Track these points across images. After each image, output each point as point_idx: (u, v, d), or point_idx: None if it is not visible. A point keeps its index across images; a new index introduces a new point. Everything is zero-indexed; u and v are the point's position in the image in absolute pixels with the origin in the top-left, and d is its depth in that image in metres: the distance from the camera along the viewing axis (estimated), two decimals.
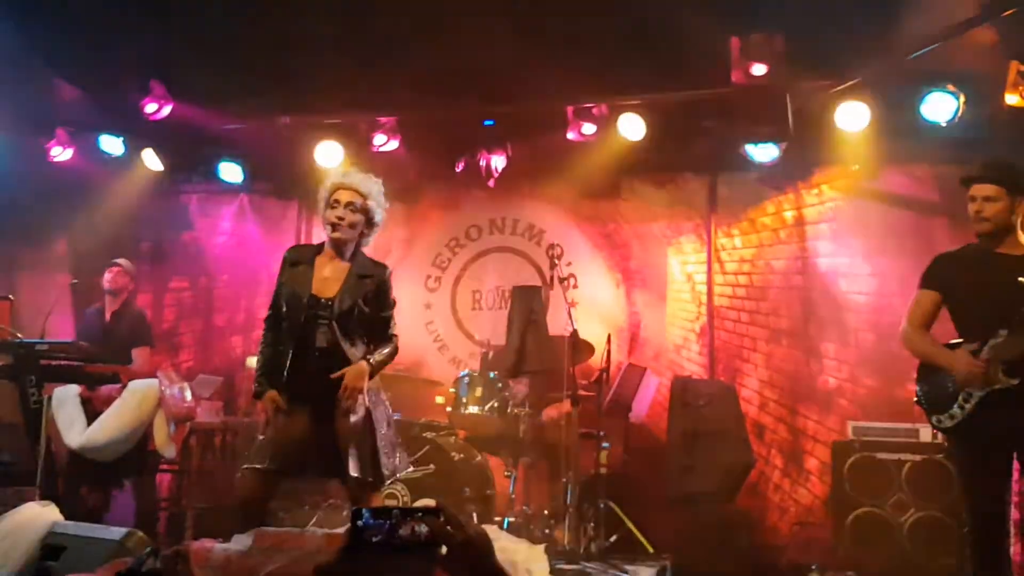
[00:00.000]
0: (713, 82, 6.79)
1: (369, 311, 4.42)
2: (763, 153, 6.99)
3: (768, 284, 7.60)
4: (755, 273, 7.65)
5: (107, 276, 6.83)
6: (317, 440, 4.34)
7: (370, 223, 4.48)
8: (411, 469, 6.31)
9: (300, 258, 4.50)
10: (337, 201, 4.40)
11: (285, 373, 4.32)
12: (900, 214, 7.32)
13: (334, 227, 4.39)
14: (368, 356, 4.39)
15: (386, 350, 4.48)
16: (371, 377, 4.39)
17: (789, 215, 7.64)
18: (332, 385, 4.29)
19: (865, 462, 6.26)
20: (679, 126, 7.31)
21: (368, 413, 4.40)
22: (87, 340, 6.74)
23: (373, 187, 4.48)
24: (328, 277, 4.41)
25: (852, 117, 6.65)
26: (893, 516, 6.13)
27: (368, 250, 4.62)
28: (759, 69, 6.45)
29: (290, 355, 4.32)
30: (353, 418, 4.34)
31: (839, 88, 6.65)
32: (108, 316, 6.79)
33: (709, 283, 7.71)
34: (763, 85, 6.53)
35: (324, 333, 4.33)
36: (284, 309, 4.42)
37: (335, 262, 4.45)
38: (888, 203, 7.40)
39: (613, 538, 6.27)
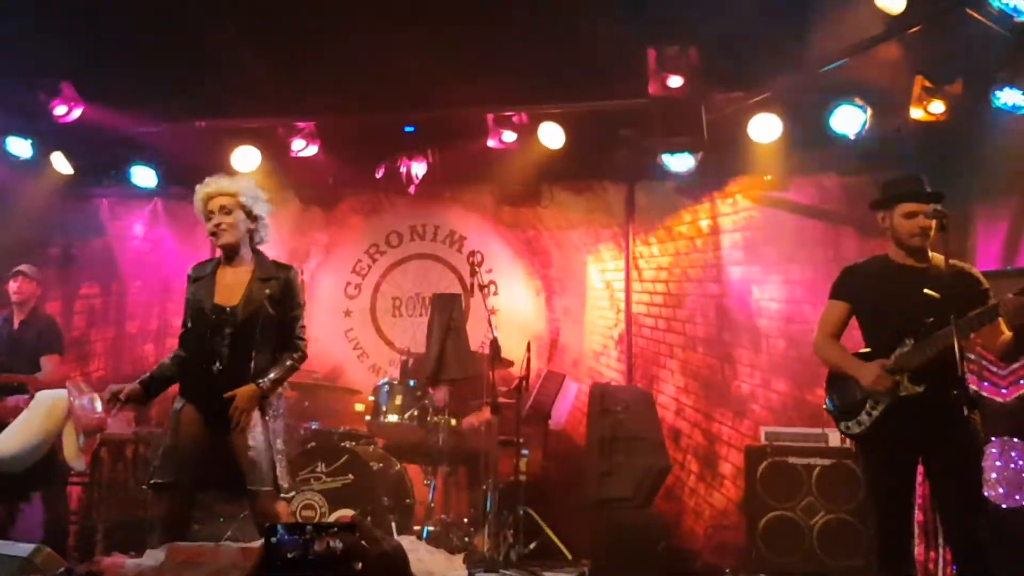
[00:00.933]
0: (631, 93, 6.88)
1: (275, 314, 4.38)
2: (679, 163, 7.12)
3: (684, 292, 7.74)
4: (672, 281, 7.78)
5: (12, 286, 6.62)
6: (218, 454, 4.31)
7: (252, 217, 4.43)
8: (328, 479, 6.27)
9: (202, 272, 4.50)
10: (211, 211, 4.39)
11: (199, 387, 4.33)
12: (810, 223, 7.53)
13: (216, 235, 4.38)
14: (260, 379, 4.31)
15: (286, 363, 4.40)
16: (265, 397, 4.35)
17: (704, 224, 7.78)
18: (233, 398, 4.27)
19: (777, 466, 6.41)
20: (598, 135, 7.41)
21: (266, 427, 4.36)
22: None
23: (241, 183, 4.46)
24: (230, 284, 4.39)
25: (764, 129, 6.82)
26: (803, 519, 6.28)
27: (285, 255, 4.60)
28: (675, 81, 6.56)
29: (195, 365, 4.33)
30: (250, 433, 4.30)
31: (752, 100, 6.81)
32: (16, 325, 6.58)
33: (627, 290, 7.80)
34: (679, 97, 6.63)
35: (228, 342, 4.31)
36: (190, 324, 4.44)
37: (236, 269, 4.43)
38: (799, 213, 7.61)
39: (532, 545, 6.31)
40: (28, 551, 4.13)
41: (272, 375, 4.36)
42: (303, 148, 7.59)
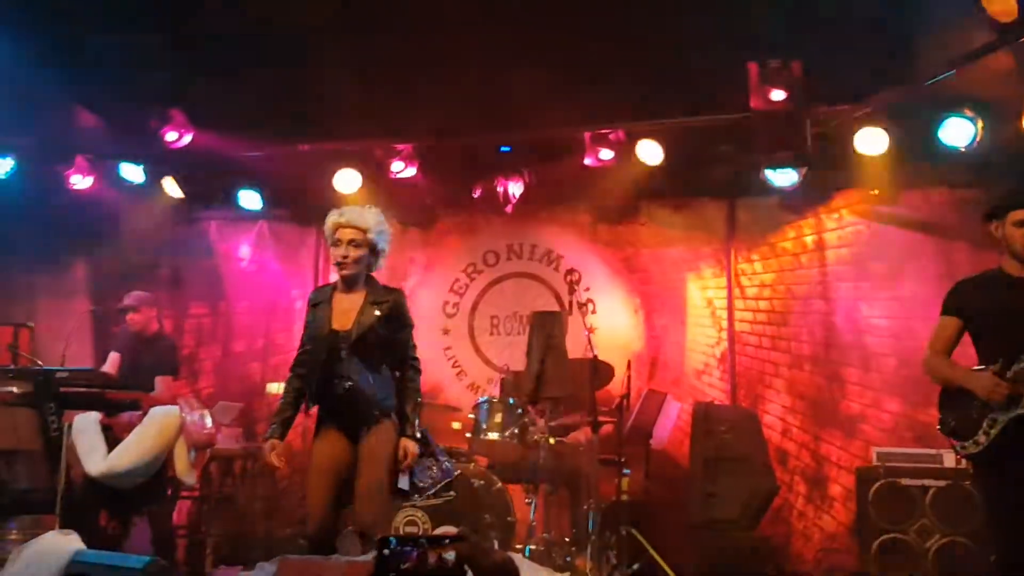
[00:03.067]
0: (731, 107, 6.80)
1: (386, 334, 4.64)
2: (783, 178, 7.01)
3: (789, 309, 7.58)
4: (776, 298, 7.63)
5: (127, 320, 6.87)
6: (349, 466, 4.57)
7: (375, 252, 4.71)
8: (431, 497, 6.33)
9: (320, 298, 4.77)
10: (339, 240, 4.65)
11: (325, 406, 4.63)
12: (920, 238, 7.30)
13: (341, 265, 4.66)
14: (407, 428, 4.65)
15: (416, 398, 4.73)
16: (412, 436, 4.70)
17: (809, 240, 7.62)
18: (358, 412, 4.56)
19: (889, 488, 6.23)
20: (697, 151, 7.35)
21: (397, 434, 4.64)
22: (121, 351, 6.80)
23: (371, 219, 4.68)
24: (345, 309, 4.66)
25: (871, 142, 6.67)
26: (918, 542, 6.09)
27: (383, 275, 4.86)
28: (778, 95, 6.46)
29: (316, 387, 4.61)
30: (377, 444, 4.55)
31: (858, 113, 6.67)
32: (138, 345, 6.83)
33: (729, 308, 7.70)
34: (782, 110, 6.53)
35: (345, 363, 4.56)
36: (309, 347, 4.72)
37: (350, 295, 4.69)
38: (908, 227, 7.38)
39: (635, 566, 6.23)
40: (143, 563, 4.26)
41: (412, 417, 4.68)
42: (402, 170, 7.70)
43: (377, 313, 4.62)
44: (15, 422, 6.49)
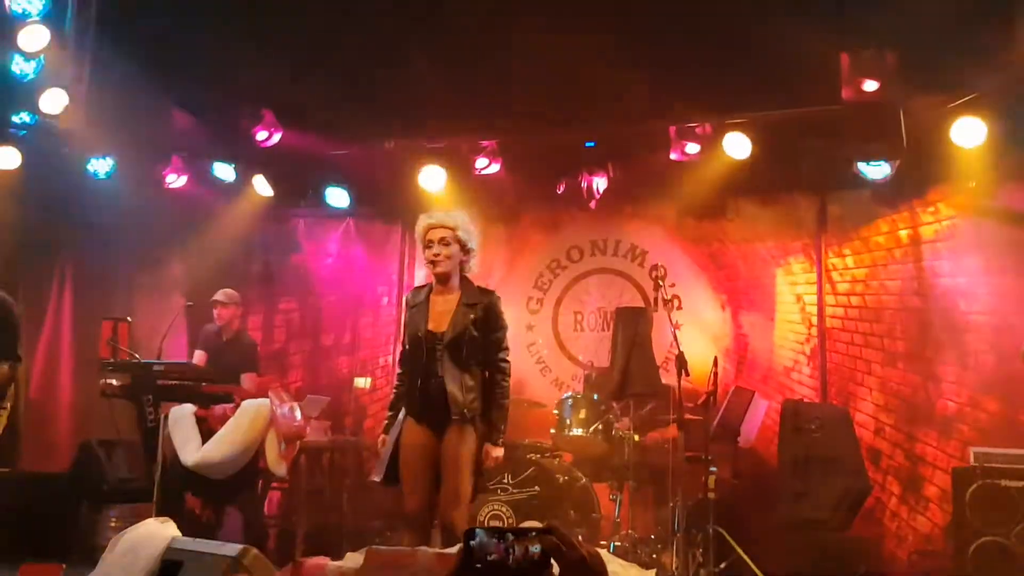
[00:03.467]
0: (822, 99, 6.68)
1: (479, 335, 4.81)
2: (876, 171, 6.86)
3: (882, 305, 7.38)
4: (868, 294, 7.45)
5: (215, 313, 7.11)
6: (434, 456, 4.77)
7: (465, 250, 4.91)
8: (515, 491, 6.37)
9: (417, 299, 4.99)
10: (431, 241, 4.87)
11: (418, 401, 4.82)
12: (1020, 232, 7.03)
13: (434, 264, 4.86)
14: (493, 434, 4.84)
15: (503, 402, 4.90)
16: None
17: (904, 234, 7.41)
18: (445, 411, 4.74)
19: (988, 490, 6.01)
20: (787, 144, 7.18)
21: (479, 438, 4.80)
22: (206, 350, 7.03)
23: (459, 218, 4.92)
24: (441, 311, 4.87)
25: (968, 133, 6.46)
26: (1019, 546, 5.86)
27: (470, 273, 4.99)
28: (871, 85, 6.33)
29: (414, 383, 4.83)
30: (461, 444, 4.74)
31: (955, 104, 6.46)
32: (224, 341, 7.07)
33: (820, 304, 7.55)
34: (875, 101, 6.39)
35: (440, 363, 4.77)
36: (407, 347, 4.96)
37: (445, 296, 4.89)
38: (1008, 220, 7.11)
39: (723, 565, 6.14)
40: (236, 551, 4.37)
41: (499, 423, 4.87)
42: (486, 166, 7.73)
43: (471, 315, 4.79)
44: (114, 414, 6.73)
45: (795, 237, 7.74)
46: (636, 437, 6.58)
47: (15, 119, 7.57)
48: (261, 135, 7.88)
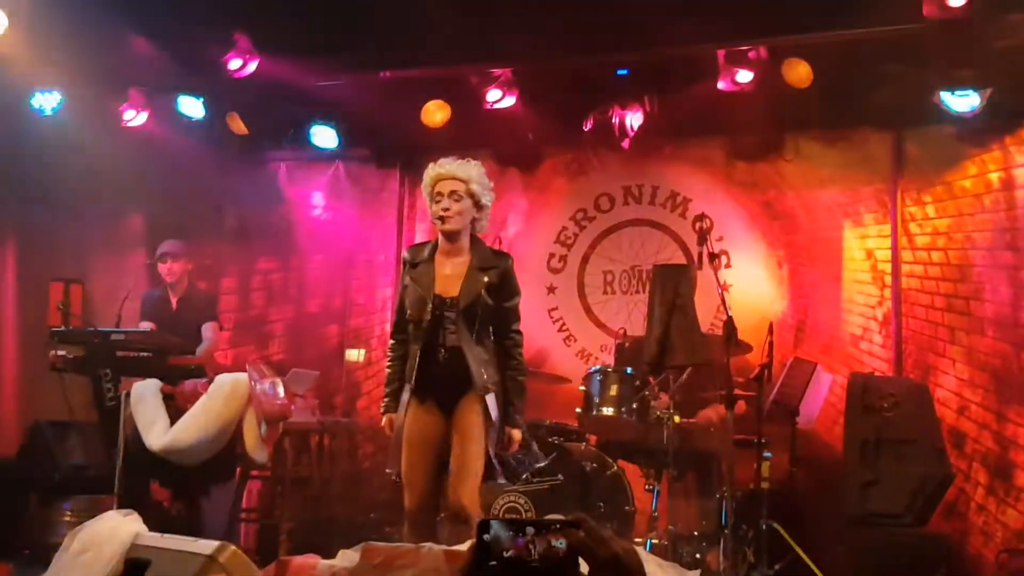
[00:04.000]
0: (899, 17, 6.63)
1: (493, 303, 4.96)
2: (962, 102, 6.84)
3: (969, 262, 7.37)
4: (952, 248, 7.44)
5: (162, 268, 7.14)
6: (445, 439, 4.92)
7: (479, 206, 5.02)
8: (534, 480, 6.41)
9: (418, 257, 5.09)
10: (440, 193, 4.97)
11: (422, 376, 4.93)
12: None
13: (443, 220, 4.97)
14: (511, 414, 5.03)
15: (519, 378, 5.09)
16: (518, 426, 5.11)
17: (995, 177, 7.36)
18: (459, 384, 4.89)
19: None
20: (856, 71, 7.17)
21: (499, 417, 4.95)
22: (155, 320, 7.07)
23: (473, 170, 5.02)
24: (450, 274, 4.99)
25: None
26: None
27: (480, 233, 5.13)
28: (957, 0, 6.26)
29: (419, 354, 4.93)
30: (475, 418, 4.86)
31: None
32: (175, 304, 7.09)
33: (895, 261, 7.54)
34: (962, 19, 6.33)
35: (451, 332, 4.90)
36: (409, 312, 5.04)
37: (454, 258, 5.02)
38: None
39: (778, 566, 6.20)
40: (212, 548, 4.42)
41: (518, 401, 5.06)
42: (499, 99, 7.72)
43: (485, 280, 4.93)
44: (67, 391, 6.79)
45: (865, 182, 7.71)
46: (677, 417, 6.58)
47: None
48: (234, 64, 7.85)
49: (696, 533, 6.58)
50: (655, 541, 6.41)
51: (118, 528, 4.65)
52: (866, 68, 7.11)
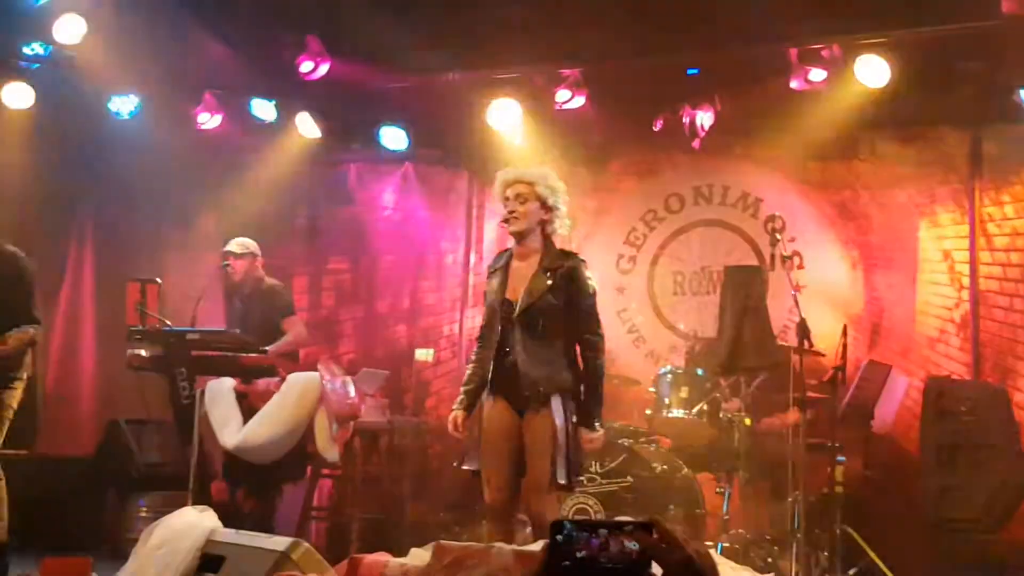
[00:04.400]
0: (977, 14, 6.55)
1: (558, 304, 4.98)
2: None
3: None
4: None
5: (228, 268, 7.11)
6: (519, 437, 4.96)
7: (546, 208, 5.07)
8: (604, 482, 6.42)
9: (496, 265, 5.23)
10: (507, 197, 5.07)
11: (494, 378, 5.03)
12: None
13: (509, 222, 5.07)
14: (589, 419, 5.01)
15: (597, 387, 5.08)
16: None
17: None
18: (527, 386, 4.93)
19: None
20: (933, 69, 7.07)
21: (567, 420, 4.92)
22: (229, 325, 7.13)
23: (540, 173, 5.11)
24: (519, 277, 5.08)
25: None
26: None
27: (556, 236, 5.17)
28: None
29: (493, 355, 5.03)
30: (557, 421, 4.89)
31: None
32: (242, 303, 7.11)
33: (972, 262, 7.43)
34: None
35: (516, 335, 4.97)
36: (484, 316, 5.25)
37: (526, 261, 5.09)
38: None
39: (852, 571, 6.15)
40: (285, 545, 4.49)
41: (594, 407, 5.06)
42: (568, 99, 7.70)
43: (549, 281, 4.97)
44: (144, 389, 6.93)
45: (943, 182, 7.61)
46: (748, 420, 6.54)
47: (26, 50, 7.75)
48: (306, 66, 7.95)
49: (768, 537, 6.52)
50: (726, 544, 6.37)
51: (194, 524, 4.74)
52: (943, 66, 7.01)
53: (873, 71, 6.95)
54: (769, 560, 6.25)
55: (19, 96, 7.83)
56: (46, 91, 7.88)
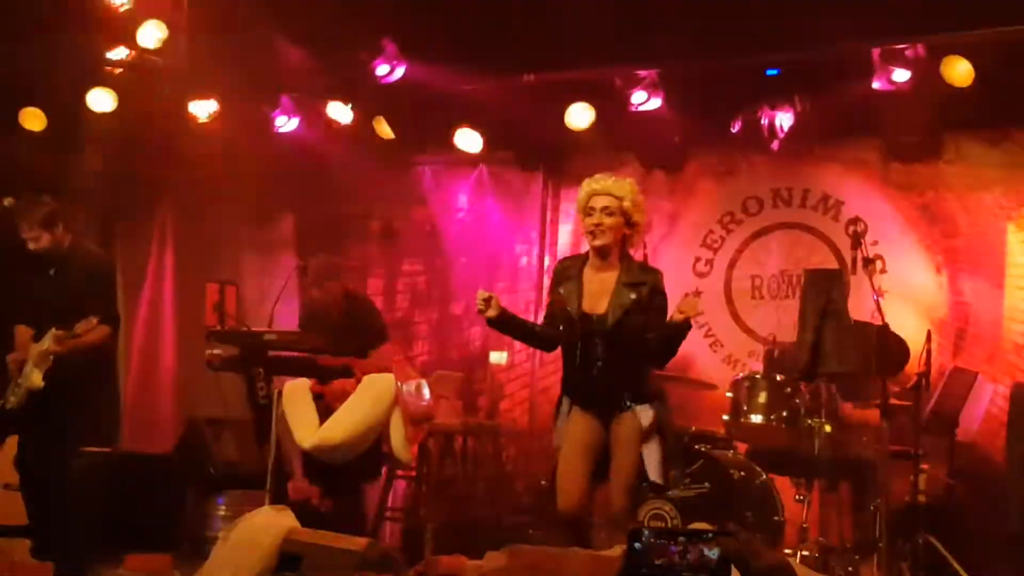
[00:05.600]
0: None
1: (642, 320, 5.01)
2: None
3: None
4: None
5: (311, 296, 7.09)
6: (602, 447, 5.03)
7: (630, 224, 5.11)
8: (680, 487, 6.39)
9: (568, 271, 5.20)
10: (592, 208, 5.06)
11: (579, 389, 5.13)
12: None
13: (593, 235, 5.06)
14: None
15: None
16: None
17: None
18: (614, 398, 5.02)
19: None
20: (1020, 69, 6.88)
21: (656, 419, 5.00)
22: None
23: (627, 188, 5.10)
24: (596, 291, 5.08)
25: None
26: None
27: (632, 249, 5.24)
28: None
29: (573, 368, 5.11)
30: (630, 431, 4.95)
31: None
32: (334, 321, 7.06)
33: None
34: None
35: (600, 349, 5.01)
36: (560, 327, 5.17)
37: (602, 273, 5.10)
38: None
39: None
40: (363, 546, 4.56)
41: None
42: (644, 101, 7.67)
43: (633, 296, 4.99)
44: (222, 389, 7.06)
45: None
46: (828, 427, 6.46)
47: (110, 56, 7.93)
48: (382, 69, 8.02)
49: (849, 546, 6.44)
50: (805, 553, 6.28)
51: (272, 522, 4.84)
52: None
53: (958, 71, 6.83)
54: (849, 570, 6.16)
55: (103, 101, 8.03)
56: (128, 95, 8.06)
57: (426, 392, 6.75)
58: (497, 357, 8.58)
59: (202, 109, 8.31)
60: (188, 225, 9.11)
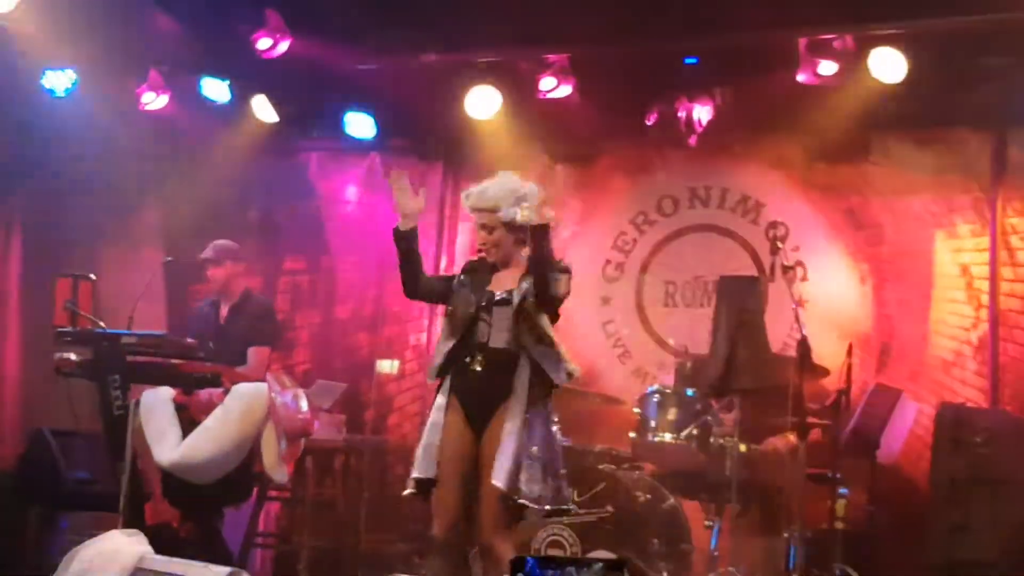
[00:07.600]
0: (1002, 5, 6.58)
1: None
2: None
3: None
4: None
5: (209, 275, 7.04)
6: (472, 457, 4.85)
7: (516, 228, 4.96)
8: (575, 509, 6.38)
9: (475, 267, 5.14)
10: (478, 223, 5.07)
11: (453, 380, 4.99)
12: None
13: (487, 253, 5.06)
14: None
15: None
16: None
17: None
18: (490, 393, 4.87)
19: None
20: (953, 65, 7.10)
21: (526, 423, 4.77)
22: (203, 334, 7.03)
23: (498, 194, 4.96)
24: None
25: None
26: None
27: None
28: None
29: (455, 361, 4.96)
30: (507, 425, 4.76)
31: None
32: (224, 313, 7.01)
33: (993, 278, 7.45)
34: None
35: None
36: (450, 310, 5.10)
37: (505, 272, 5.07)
38: None
39: None
40: (224, 575, 4.47)
41: None
42: (554, 88, 7.73)
43: (524, 284, 4.88)
44: (72, 397, 6.86)
45: (962, 189, 7.64)
46: (742, 447, 6.54)
47: None
48: (263, 43, 7.92)
49: None
50: None
51: (122, 549, 4.73)
52: (965, 61, 7.06)
53: (888, 65, 6.99)
54: None
55: None
56: None
57: (303, 404, 6.65)
58: (386, 366, 8.54)
59: (58, 81, 8.12)
60: (38, 211, 8.84)
